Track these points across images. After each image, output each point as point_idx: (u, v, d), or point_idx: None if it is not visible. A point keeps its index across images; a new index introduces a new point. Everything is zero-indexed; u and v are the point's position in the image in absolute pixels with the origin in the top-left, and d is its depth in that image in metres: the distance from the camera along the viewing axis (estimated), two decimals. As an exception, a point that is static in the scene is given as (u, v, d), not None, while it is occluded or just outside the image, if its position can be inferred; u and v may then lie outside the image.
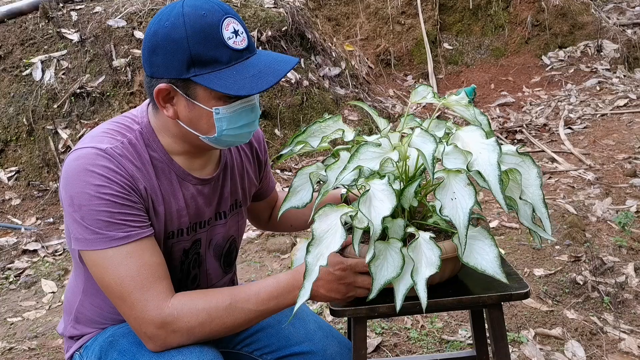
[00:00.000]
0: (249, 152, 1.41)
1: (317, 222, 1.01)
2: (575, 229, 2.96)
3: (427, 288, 1.00)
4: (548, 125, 5.11)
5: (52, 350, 2.38)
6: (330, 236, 1.00)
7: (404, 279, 1.03)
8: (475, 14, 7.20)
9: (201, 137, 1.15)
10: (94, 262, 1.10)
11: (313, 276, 0.99)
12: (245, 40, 1.11)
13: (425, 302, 1.00)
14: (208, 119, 1.12)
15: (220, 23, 1.08)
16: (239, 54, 1.10)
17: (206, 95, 1.10)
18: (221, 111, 1.12)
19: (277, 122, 4.53)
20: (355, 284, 1.10)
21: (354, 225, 1.03)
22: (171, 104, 1.14)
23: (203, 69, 1.08)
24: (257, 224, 1.63)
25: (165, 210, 1.19)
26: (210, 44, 1.07)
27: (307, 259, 0.99)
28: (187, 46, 1.07)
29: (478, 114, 1.15)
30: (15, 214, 3.90)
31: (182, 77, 1.09)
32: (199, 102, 1.11)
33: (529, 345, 2.12)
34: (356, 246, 1.02)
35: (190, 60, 1.07)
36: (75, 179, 1.09)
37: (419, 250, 1.03)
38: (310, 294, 1.01)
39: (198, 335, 1.10)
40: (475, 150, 1.01)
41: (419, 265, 1.02)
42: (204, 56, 1.07)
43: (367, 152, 1.05)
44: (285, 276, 1.13)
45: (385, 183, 1.03)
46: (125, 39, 4.59)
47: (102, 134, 1.16)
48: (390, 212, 0.98)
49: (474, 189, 1.00)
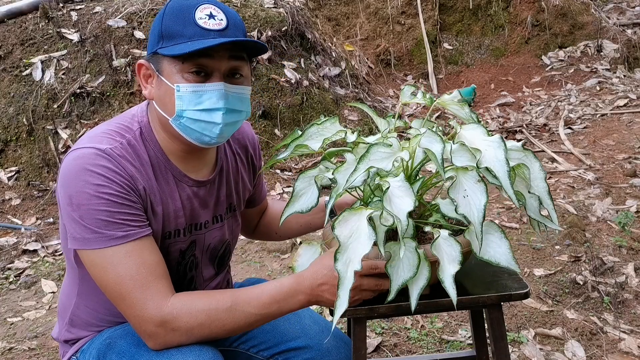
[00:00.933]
0: (244, 157, 1.41)
1: (338, 228, 0.99)
2: (575, 229, 2.96)
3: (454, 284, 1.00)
4: (548, 125, 5.11)
5: (52, 350, 2.39)
6: (355, 240, 0.98)
7: (418, 278, 1.03)
8: (475, 14, 7.20)
9: (170, 120, 1.15)
10: (93, 262, 1.10)
11: (347, 284, 0.95)
12: (219, 25, 1.12)
13: (456, 298, 1.00)
14: (171, 97, 1.13)
15: (197, 5, 1.12)
16: (206, 32, 1.11)
17: (171, 70, 1.13)
18: (182, 88, 1.12)
19: (277, 122, 4.53)
20: (361, 287, 1.08)
21: (380, 224, 1.01)
22: (150, 83, 1.18)
23: (168, 41, 1.12)
24: (243, 231, 1.61)
25: (163, 211, 1.19)
26: (180, 20, 1.11)
27: (337, 267, 0.96)
28: (161, 22, 1.13)
29: (470, 112, 1.16)
30: (15, 214, 3.90)
31: (153, 50, 1.14)
32: (165, 78, 1.14)
33: (529, 345, 2.12)
34: (381, 247, 1.00)
35: (160, 34, 1.13)
36: (75, 178, 1.09)
37: (440, 249, 1.04)
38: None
39: (197, 336, 1.10)
40: (481, 147, 1.02)
41: (443, 263, 1.02)
42: (171, 29, 1.12)
43: (377, 152, 1.04)
44: (288, 280, 1.12)
45: (401, 179, 1.02)
46: (125, 39, 4.59)
47: (101, 134, 1.16)
48: (412, 206, 0.97)
49: (485, 186, 1.00)
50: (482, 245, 1.03)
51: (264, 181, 1.55)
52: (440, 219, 1.15)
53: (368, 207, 1.03)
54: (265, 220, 1.59)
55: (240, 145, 1.40)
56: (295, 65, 4.84)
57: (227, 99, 1.14)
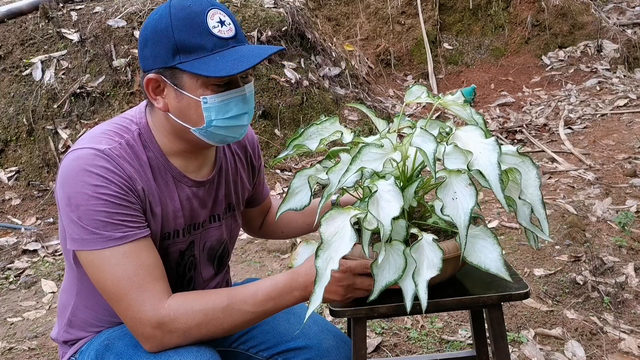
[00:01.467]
0: (242, 157, 1.41)
1: (324, 225, 1.00)
2: (575, 229, 2.96)
3: (428, 289, 1.00)
4: (548, 125, 5.11)
5: (52, 350, 2.38)
6: (339, 239, 0.98)
7: (410, 280, 1.03)
8: (475, 14, 7.20)
9: (192, 129, 1.15)
10: (91, 263, 1.10)
11: (324, 281, 0.97)
12: (231, 31, 1.12)
13: (426, 303, 1.00)
14: (197, 109, 1.13)
15: (206, 12, 1.10)
16: (224, 42, 1.11)
17: (193, 84, 1.11)
18: (209, 100, 1.12)
19: (277, 122, 4.53)
20: (354, 286, 1.09)
21: (364, 227, 1.02)
22: (162, 96, 1.15)
23: (188, 56, 1.09)
24: (248, 230, 1.62)
25: (162, 211, 1.19)
26: (195, 31, 1.09)
27: (317, 264, 0.97)
28: (172, 34, 1.09)
29: (474, 113, 1.16)
30: (15, 214, 3.90)
31: (169, 65, 1.11)
32: (187, 92, 1.12)
33: (529, 345, 2.12)
34: (366, 248, 1.01)
35: (175, 48, 1.09)
36: (73, 178, 1.08)
37: (422, 252, 1.03)
38: (309, 297, 1.00)
39: (195, 336, 1.10)
40: (475, 149, 1.01)
41: (421, 267, 1.02)
42: (189, 43, 1.09)
43: (369, 153, 1.04)
44: (283, 277, 1.13)
45: (391, 184, 1.02)
46: (125, 39, 4.59)
47: (100, 134, 1.16)
48: (398, 212, 0.97)
49: (475, 189, 1.00)
50: (471, 248, 1.03)
51: (265, 181, 1.55)
52: (439, 221, 1.15)
53: (356, 208, 1.03)
54: (270, 220, 1.59)
55: (239, 145, 1.40)
56: (295, 65, 4.84)
57: (248, 101, 1.17)
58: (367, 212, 1.00)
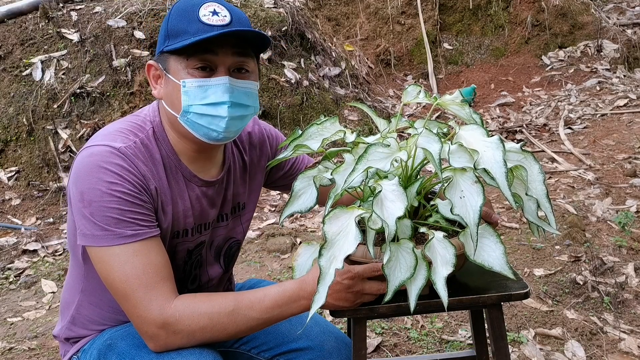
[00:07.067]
0: (258, 153, 1.41)
1: (328, 224, 0.99)
2: (575, 229, 2.96)
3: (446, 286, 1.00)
4: (548, 125, 5.11)
5: (52, 350, 2.38)
6: (343, 238, 0.97)
7: (416, 279, 1.03)
8: (475, 14, 7.20)
9: (178, 118, 1.17)
10: (100, 259, 1.10)
11: (328, 280, 0.95)
12: (222, 21, 1.13)
13: (447, 300, 0.99)
14: (177, 93, 1.15)
15: (201, 3, 1.14)
16: (209, 27, 1.12)
17: (177, 68, 1.14)
18: (187, 84, 1.14)
19: (277, 122, 4.53)
20: (363, 291, 1.08)
21: (368, 226, 1.01)
22: (159, 83, 1.20)
23: (174, 40, 1.13)
24: None
25: (173, 210, 1.19)
26: (185, 19, 1.13)
27: (320, 263, 0.96)
28: (167, 22, 1.15)
29: (472, 112, 1.16)
30: (15, 214, 3.90)
31: (161, 50, 1.16)
32: (172, 75, 1.15)
33: (529, 345, 2.12)
34: (371, 248, 1.00)
35: (167, 34, 1.15)
36: (88, 175, 1.09)
37: (434, 250, 1.03)
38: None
39: (199, 339, 1.10)
40: (479, 148, 1.01)
41: (436, 265, 1.02)
42: (175, 28, 1.14)
43: (375, 152, 1.03)
44: (291, 285, 1.12)
45: (395, 183, 1.02)
46: (125, 39, 4.59)
47: (115, 132, 1.16)
48: (403, 212, 0.97)
49: (482, 187, 1.00)
50: (477, 247, 1.03)
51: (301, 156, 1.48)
52: (440, 220, 1.15)
53: (361, 207, 1.02)
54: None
55: (250, 145, 1.39)
56: (295, 65, 4.84)
57: (232, 92, 1.16)
58: (371, 212, 0.99)
